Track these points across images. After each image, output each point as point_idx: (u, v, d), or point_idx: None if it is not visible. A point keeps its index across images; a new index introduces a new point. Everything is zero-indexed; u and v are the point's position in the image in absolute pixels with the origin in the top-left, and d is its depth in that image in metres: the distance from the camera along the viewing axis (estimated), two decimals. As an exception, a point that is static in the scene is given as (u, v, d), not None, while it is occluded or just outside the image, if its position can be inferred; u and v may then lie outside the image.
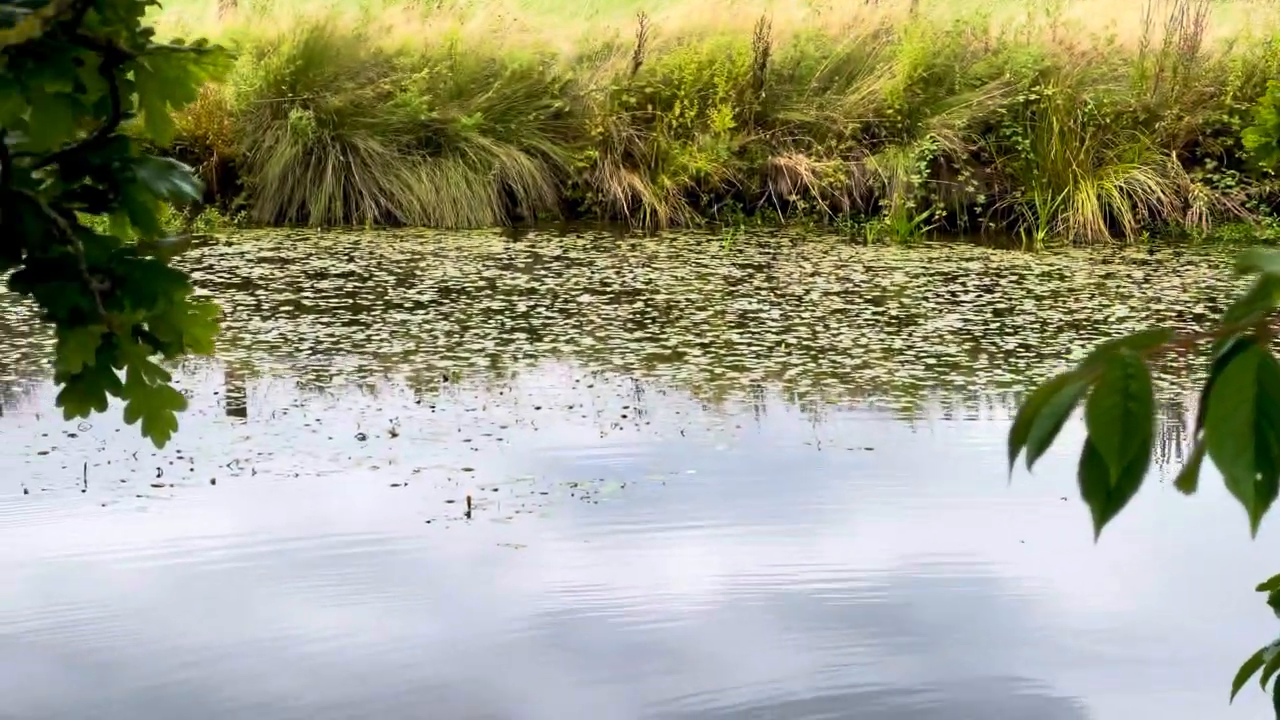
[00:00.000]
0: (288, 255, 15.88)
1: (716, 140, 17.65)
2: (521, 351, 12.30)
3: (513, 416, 10.49)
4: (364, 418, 10.49)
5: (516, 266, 15.52)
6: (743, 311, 13.74)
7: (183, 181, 1.75)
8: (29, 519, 8.60)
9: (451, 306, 13.76)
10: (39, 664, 6.68)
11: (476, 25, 18.44)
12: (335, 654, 6.81)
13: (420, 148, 17.43)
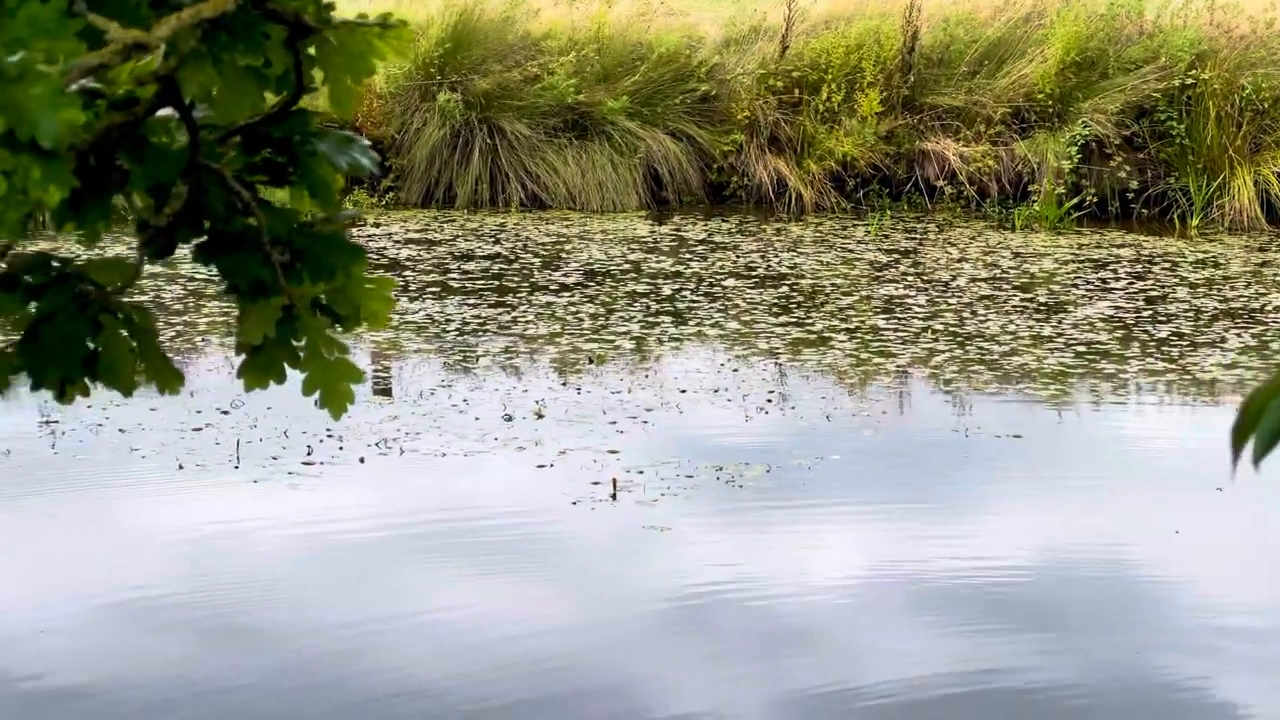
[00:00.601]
0: (435, 237, 16.02)
1: (863, 125, 17.54)
2: (666, 335, 12.31)
3: (658, 399, 10.49)
4: (510, 399, 10.55)
5: (661, 250, 15.53)
6: (888, 297, 13.64)
7: (361, 155, 1.76)
8: (183, 494, 8.75)
9: (597, 289, 13.80)
10: (186, 634, 6.79)
11: (624, 9, 18.46)
12: (475, 632, 6.85)
13: (566, 131, 17.49)
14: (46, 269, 1.65)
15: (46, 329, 1.65)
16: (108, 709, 5.93)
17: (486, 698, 6.16)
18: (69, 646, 6.58)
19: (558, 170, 17.31)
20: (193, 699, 6.08)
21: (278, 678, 6.31)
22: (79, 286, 1.68)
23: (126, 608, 7.04)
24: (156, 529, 8.17)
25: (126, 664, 6.40)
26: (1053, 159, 17.39)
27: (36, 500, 8.53)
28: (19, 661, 6.36)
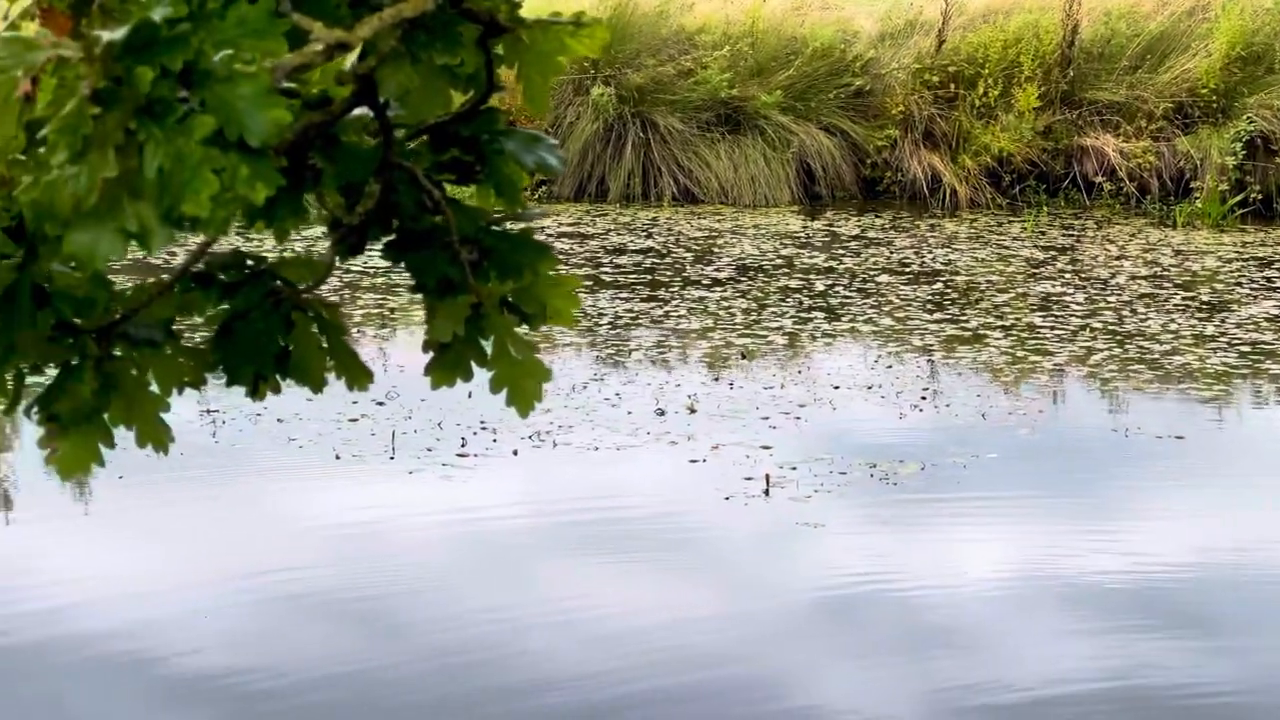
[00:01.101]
0: (587, 231, 16.08)
1: (1020, 120, 17.32)
2: (819, 330, 12.25)
3: (810, 395, 10.45)
4: (662, 393, 10.56)
5: (814, 245, 15.46)
6: (1045, 294, 13.46)
7: (548, 154, 1.76)
8: (339, 483, 8.85)
9: (749, 284, 13.77)
10: (336, 623, 6.86)
11: (779, 3, 18.40)
12: (621, 624, 6.85)
13: (719, 125, 17.47)
14: (240, 267, 1.67)
15: (240, 326, 1.67)
16: (257, 694, 6.01)
17: (630, 690, 6.16)
18: (222, 630, 6.68)
19: (710, 164, 17.29)
20: (339, 685, 6.14)
21: (423, 666, 6.36)
22: (271, 284, 1.69)
23: (279, 594, 7.13)
24: (311, 518, 8.27)
25: (277, 650, 6.48)
26: (1216, 155, 17.06)
27: (196, 488, 8.67)
28: (174, 645, 6.47)
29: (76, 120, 1.35)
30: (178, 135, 1.36)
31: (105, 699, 6.05)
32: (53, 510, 8.34)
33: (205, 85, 1.37)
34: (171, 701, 5.98)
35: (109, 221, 1.37)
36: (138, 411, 1.63)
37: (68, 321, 1.58)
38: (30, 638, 6.56)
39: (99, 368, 1.61)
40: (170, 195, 1.37)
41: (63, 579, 7.23)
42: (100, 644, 6.46)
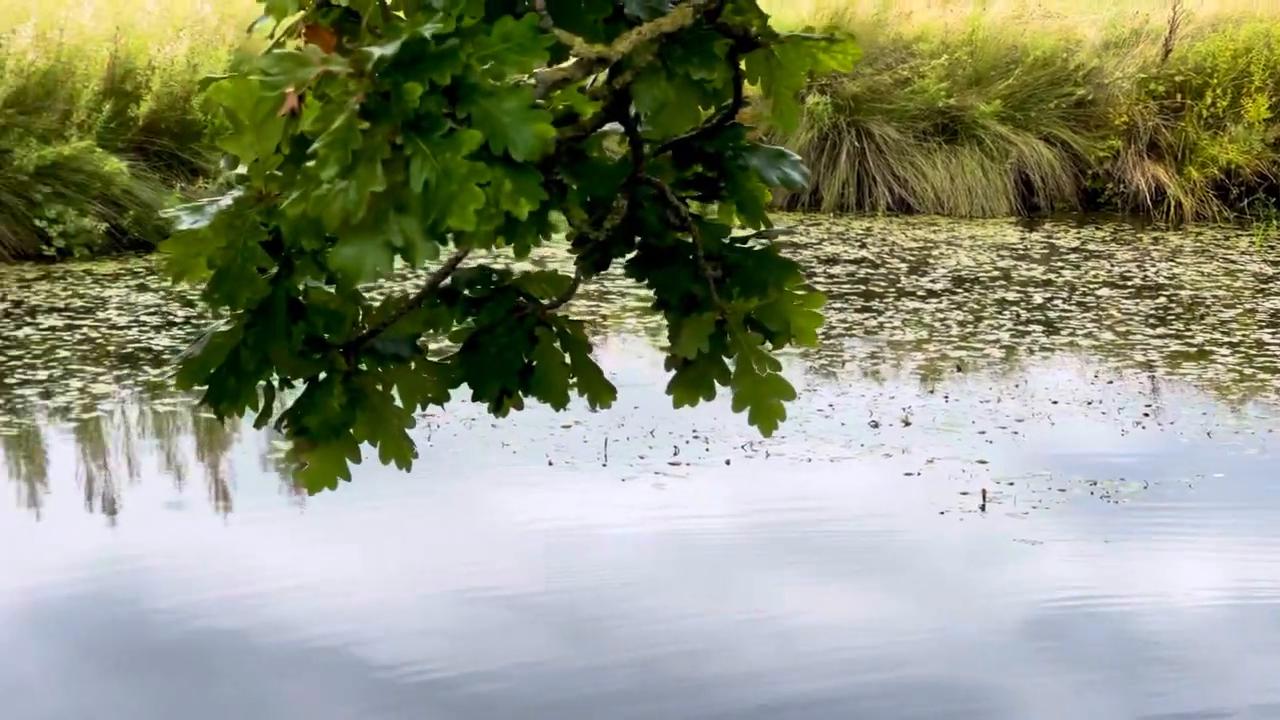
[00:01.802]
0: (800, 240, 16.01)
1: (1250, 131, 16.87)
2: (1037, 344, 12.05)
3: (1028, 410, 10.27)
4: (876, 405, 10.46)
5: (1032, 257, 15.21)
6: (1275, 310, 13.08)
7: (792, 170, 1.74)
8: (551, 489, 8.91)
9: (965, 296, 13.60)
10: (542, 627, 6.89)
11: (999, 11, 18.16)
12: (829, 637, 6.76)
13: (936, 134, 17.29)
14: (486, 282, 1.67)
15: (486, 341, 1.68)
16: (463, 698, 6.06)
17: (833, 702, 6.10)
18: (430, 634, 6.75)
19: (926, 174, 17.12)
20: (544, 692, 6.17)
21: (628, 675, 6.35)
22: (515, 300, 1.70)
23: (487, 597, 7.19)
24: (523, 522, 8.34)
25: (484, 654, 6.52)
26: None
27: (410, 490, 8.79)
28: (382, 648, 6.55)
29: (346, 135, 1.36)
30: (444, 149, 1.37)
31: (307, 692, 6.15)
32: (271, 508, 8.52)
33: (471, 100, 1.38)
34: (374, 700, 6.06)
35: (375, 236, 1.38)
36: (383, 426, 1.65)
37: (318, 336, 1.59)
38: (238, 625, 6.70)
39: (347, 382, 1.63)
40: (436, 209, 1.38)
41: (276, 573, 7.38)
42: (308, 638, 6.57)
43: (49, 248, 15.08)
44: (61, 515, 8.44)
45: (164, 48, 15.95)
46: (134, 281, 14.61)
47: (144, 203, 15.52)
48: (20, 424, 10.15)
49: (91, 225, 15.10)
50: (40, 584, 7.21)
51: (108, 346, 12.44)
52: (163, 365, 11.72)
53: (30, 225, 14.97)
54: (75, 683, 6.13)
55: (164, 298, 13.97)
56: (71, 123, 15.28)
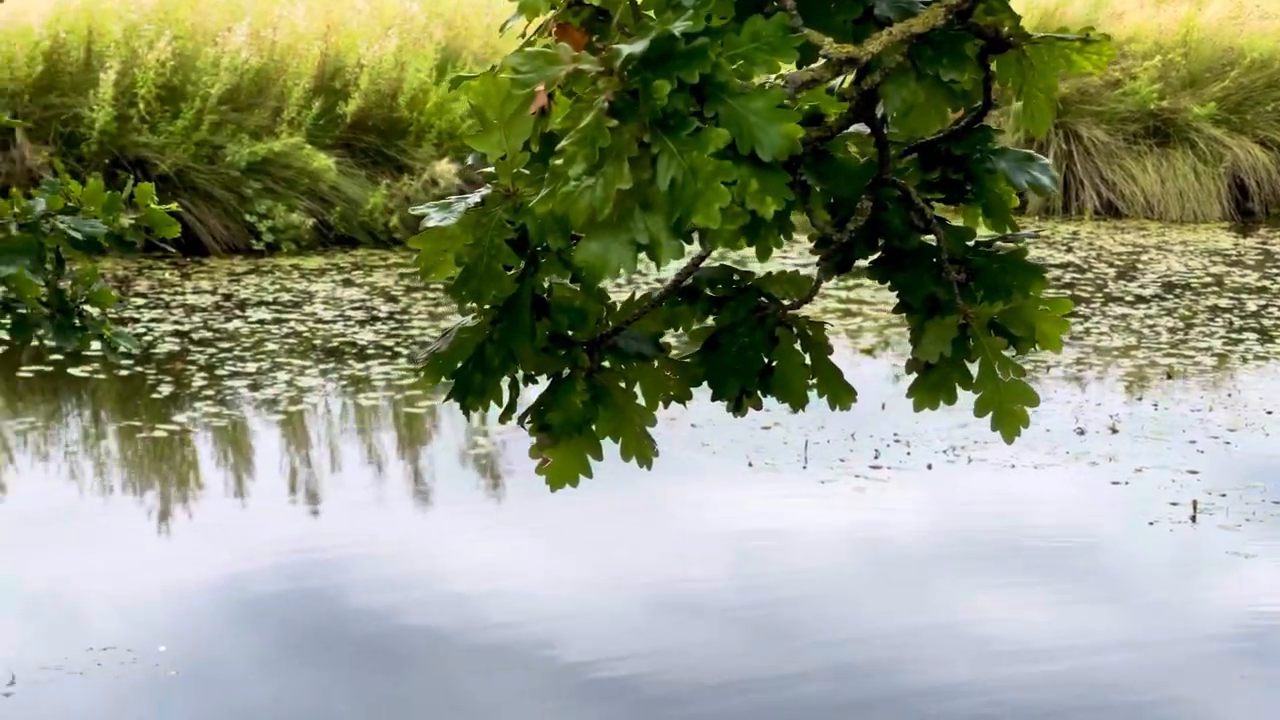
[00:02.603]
0: (1004, 243, 15.80)
1: None
2: (1251, 352, 11.75)
3: (1241, 420, 10.02)
4: (1082, 412, 10.28)
5: (1245, 263, 14.85)
6: None
7: (1041, 174, 1.71)
8: (750, 491, 8.88)
9: (1175, 302, 13.31)
10: (735, 630, 6.85)
11: (1215, 12, 17.75)
12: (1028, 650, 6.63)
13: (1147, 137, 16.96)
14: (729, 282, 1.67)
15: (726, 340, 1.67)
16: (654, 697, 6.04)
17: (1025, 710, 5.99)
18: (623, 633, 6.74)
19: (1135, 177, 16.80)
20: (735, 696, 6.12)
21: (821, 682, 6.29)
22: (756, 300, 1.69)
23: (680, 598, 7.17)
24: (721, 524, 8.31)
25: (676, 655, 6.50)
26: None
27: (608, 487, 8.82)
28: (575, 646, 6.56)
29: (594, 132, 1.36)
30: (691, 148, 1.37)
31: (501, 688, 6.19)
32: (469, 502, 8.61)
33: (719, 99, 1.37)
34: (567, 697, 6.08)
35: (621, 233, 1.38)
36: (624, 424, 1.65)
37: (562, 333, 1.60)
38: (434, 620, 6.77)
39: (590, 379, 1.63)
40: (681, 207, 1.37)
41: (473, 569, 7.44)
42: (503, 635, 6.62)
43: (258, 242, 15.42)
44: (266, 506, 8.61)
45: (373, 46, 16.22)
46: (339, 276, 14.88)
47: (350, 199, 15.80)
48: (229, 415, 10.39)
49: (299, 220, 15.42)
50: (244, 574, 7.36)
51: (314, 340, 12.68)
52: (366, 360, 11.91)
53: (240, 220, 15.32)
54: (276, 673, 6.24)
55: (368, 293, 14.20)
56: (282, 119, 15.61)
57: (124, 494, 8.82)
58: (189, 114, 15.10)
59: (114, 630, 6.54)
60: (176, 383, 11.04)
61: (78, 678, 6.08)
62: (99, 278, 2.62)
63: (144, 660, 6.26)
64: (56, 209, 2.52)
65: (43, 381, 11.20)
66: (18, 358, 11.69)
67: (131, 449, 9.72)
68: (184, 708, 5.93)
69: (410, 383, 11.22)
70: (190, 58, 15.44)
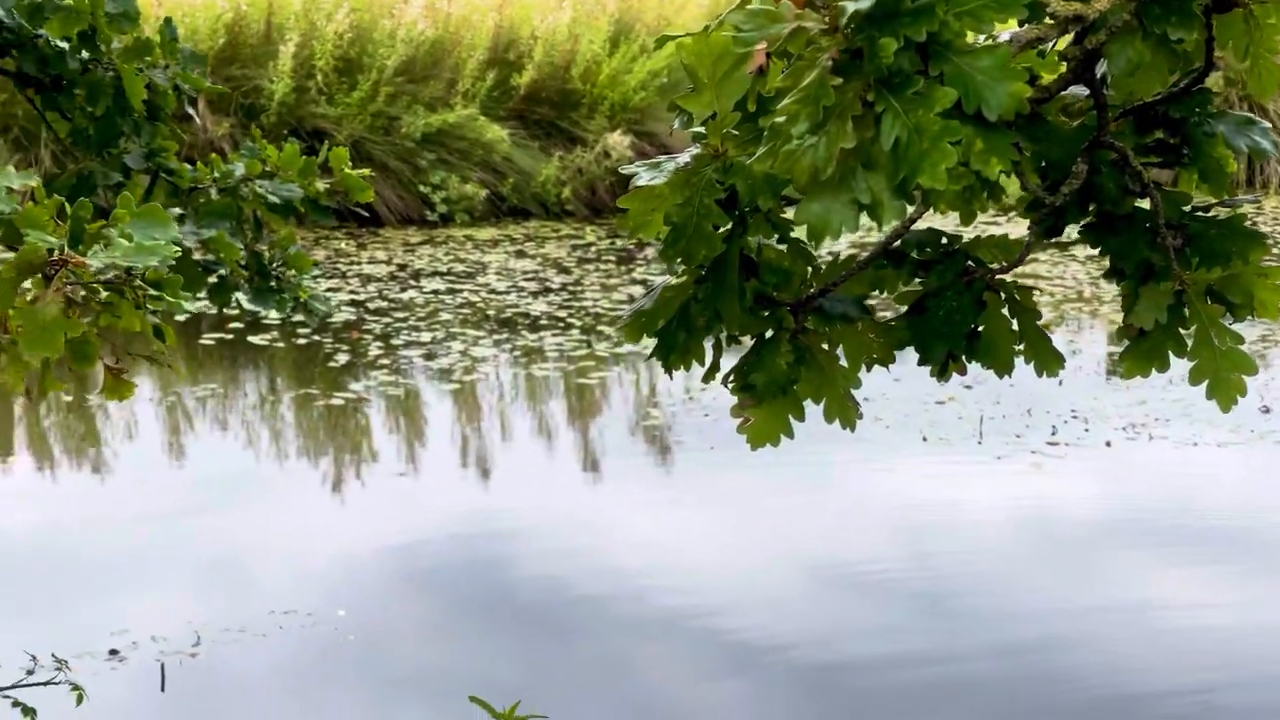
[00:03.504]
0: (1184, 218, 15.50)
1: None
2: None
3: None
4: (1268, 389, 10.05)
5: None
6: None
7: (1262, 138, 1.66)
8: (923, 466, 8.80)
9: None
10: (901, 606, 6.75)
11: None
12: (1201, 634, 6.47)
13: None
14: (936, 245, 1.64)
15: (934, 304, 1.65)
16: (816, 672, 6.00)
17: (1200, 691, 5.85)
18: (788, 606, 6.70)
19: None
20: (898, 671, 6.05)
21: (987, 660, 6.19)
22: (964, 264, 1.66)
23: (850, 573, 7.11)
24: (892, 498, 8.25)
25: (840, 629, 6.45)
26: None
27: (779, 461, 8.80)
28: (739, 618, 6.53)
29: (818, 91, 1.35)
30: (916, 106, 1.35)
31: (664, 658, 6.19)
32: (637, 475, 8.63)
33: (945, 57, 1.35)
34: (729, 667, 6.06)
35: (842, 193, 1.37)
36: (828, 386, 1.63)
37: (768, 294, 1.59)
38: (600, 590, 6.80)
39: (794, 340, 1.62)
40: (905, 167, 1.35)
41: (639, 541, 7.47)
42: (667, 606, 6.62)
43: (432, 213, 15.59)
44: (438, 476, 8.71)
45: (547, 18, 16.30)
46: (512, 248, 14.99)
47: (523, 170, 15.91)
48: (404, 384, 10.52)
49: (473, 191, 15.56)
50: (416, 542, 7.45)
51: (487, 311, 12.79)
52: (539, 330, 11.99)
53: (415, 191, 15.50)
54: (448, 639, 6.32)
55: (541, 264, 14.29)
56: (456, 91, 15.75)
57: (300, 461, 8.98)
58: (365, 85, 15.30)
59: (293, 594, 6.66)
60: (353, 351, 11.21)
61: (261, 640, 6.20)
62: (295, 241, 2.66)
63: (324, 624, 6.37)
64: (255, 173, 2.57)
65: (222, 349, 11.43)
66: (199, 325, 11.93)
67: (307, 416, 9.89)
68: (363, 670, 6.03)
69: (582, 354, 11.28)
70: (367, 30, 15.64)
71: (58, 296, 1.65)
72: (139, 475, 8.58)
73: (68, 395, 10.05)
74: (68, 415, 9.81)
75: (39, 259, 1.67)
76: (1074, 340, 11.94)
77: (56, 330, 1.66)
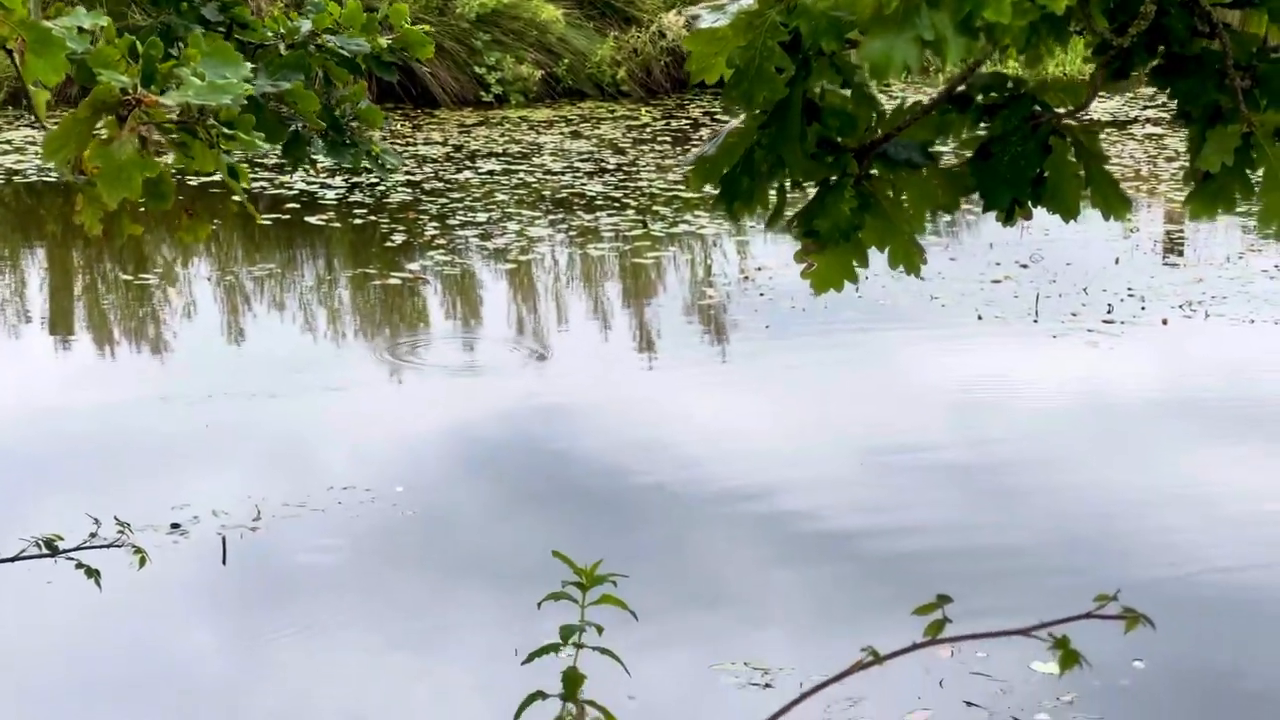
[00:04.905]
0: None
1: None
2: None
3: None
4: (1328, 264, 9.98)
5: None
6: None
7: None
8: (978, 345, 8.77)
9: None
10: (956, 488, 6.72)
11: None
12: (1256, 513, 6.40)
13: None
14: (1002, 89, 1.63)
15: (998, 149, 1.63)
16: (870, 553, 5.97)
17: (1253, 572, 5.80)
18: (844, 487, 6.67)
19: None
20: (952, 555, 5.98)
21: (1042, 541, 6.13)
22: (1030, 108, 1.65)
23: (905, 455, 7.06)
24: (947, 378, 8.20)
25: (896, 511, 6.42)
26: None
27: (835, 341, 8.79)
28: (794, 499, 6.50)
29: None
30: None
31: (721, 538, 6.20)
32: (693, 356, 8.62)
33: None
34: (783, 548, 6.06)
35: (905, 29, 1.35)
36: (892, 232, 1.63)
37: (831, 139, 1.58)
38: (656, 471, 6.81)
39: (858, 186, 1.61)
40: (970, 1, 1.33)
41: (695, 421, 7.45)
42: (723, 486, 6.62)
43: (487, 94, 15.54)
44: (494, 356, 8.73)
45: (600, -103, 16.14)
46: (567, 128, 14.94)
47: (577, 51, 15.82)
48: (461, 264, 10.54)
49: (528, 72, 15.49)
50: (473, 422, 7.48)
51: (543, 191, 12.77)
52: (595, 211, 11.97)
53: (470, 72, 15.44)
54: (506, 518, 6.35)
55: (596, 145, 14.25)
56: (510, -29, 15.64)
57: (357, 341, 9.02)
58: (419, -34, 15.19)
59: (352, 472, 6.71)
60: (409, 232, 11.22)
61: (320, 515, 6.26)
62: (365, 95, 2.66)
63: (383, 499, 6.43)
64: (323, 27, 2.57)
65: (279, 230, 11.47)
66: (257, 207, 11.96)
67: (364, 296, 9.93)
68: (422, 544, 6.09)
69: (638, 234, 11.27)
70: (421, -90, 15.52)
71: (132, 136, 1.65)
72: (198, 356, 8.65)
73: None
74: (127, 295, 9.88)
75: (112, 98, 1.68)
76: (1131, 219, 11.84)
77: (133, 170, 1.67)
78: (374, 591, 5.67)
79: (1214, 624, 5.36)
